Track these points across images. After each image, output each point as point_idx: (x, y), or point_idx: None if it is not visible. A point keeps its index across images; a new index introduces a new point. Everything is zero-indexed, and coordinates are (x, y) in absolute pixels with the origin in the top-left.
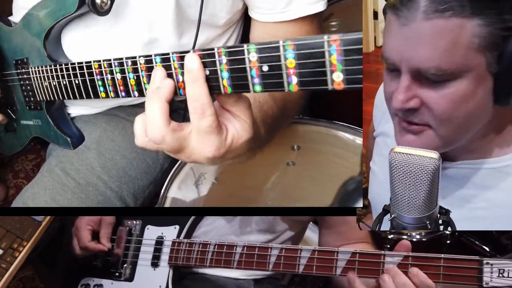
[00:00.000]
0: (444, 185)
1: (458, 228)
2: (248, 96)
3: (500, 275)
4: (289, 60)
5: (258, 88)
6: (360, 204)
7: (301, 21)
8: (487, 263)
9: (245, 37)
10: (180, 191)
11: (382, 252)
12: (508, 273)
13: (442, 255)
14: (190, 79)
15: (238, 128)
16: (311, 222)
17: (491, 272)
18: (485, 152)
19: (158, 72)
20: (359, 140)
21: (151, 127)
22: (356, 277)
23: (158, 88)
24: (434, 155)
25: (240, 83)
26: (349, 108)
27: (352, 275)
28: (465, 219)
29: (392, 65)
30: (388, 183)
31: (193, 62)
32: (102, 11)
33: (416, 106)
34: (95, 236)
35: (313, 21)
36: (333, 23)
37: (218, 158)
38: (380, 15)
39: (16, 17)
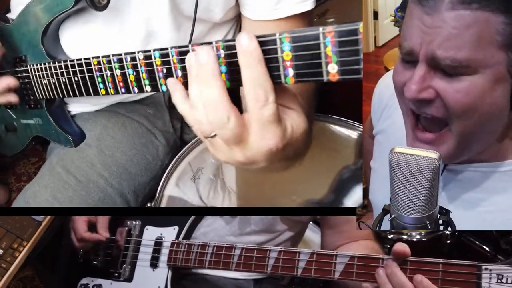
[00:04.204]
0: (452, 188)
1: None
2: None
3: (499, 280)
4: (286, 53)
5: None
6: (356, 192)
7: (290, 19)
8: (486, 269)
9: None
10: (177, 189)
11: (381, 256)
12: (507, 278)
13: (441, 260)
14: (250, 62)
15: (294, 117)
16: (311, 222)
17: (490, 278)
18: (496, 156)
19: (207, 51)
20: (354, 135)
21: (214, 109)
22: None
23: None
24: (434, 155)
25: (238, 77)
26: (349, 108)
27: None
28: (473, 222)
29: (409, 55)
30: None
31: (249, 42)
32: (100, 6)
33: (430, 97)
34: (93, 228)
35: (303, 20)
36: (330, 20)
37: (279, 151)
38: (380, 15)
39: (14, 14)
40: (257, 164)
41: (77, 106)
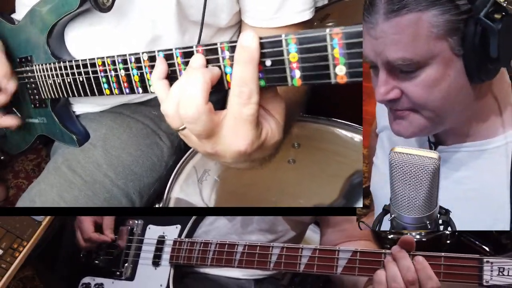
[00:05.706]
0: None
1: (451, 209)
2: None
3: (500, 273)
4: (292, 54)
5: (262, 83)
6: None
7: (290, 28)
8: (487, 262)
9: None
10: (183, 191)
11: (383, 251)
12: (508, 271)
13: (443, 254)
14: (244, 59)
15: (273, 127)
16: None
17: (491, 271)
18: (475, 134)
19: (199, 57)
20: (357, 138)
21: (188, 103)
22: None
23: (206, 69)
24: (434, 155)
25: None
26: (349, 107)
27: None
28: (458, 199)
29: (372, 63)
30: None
31: (250, 39)
32: (104, 8)
33: (397, 96)
34: (98, 229)
35: (303, 28)
36: (330, 24)
37: (247, 154)
38: None
39: (19, 14)
40: (224, 159)
41: (81, 106)
